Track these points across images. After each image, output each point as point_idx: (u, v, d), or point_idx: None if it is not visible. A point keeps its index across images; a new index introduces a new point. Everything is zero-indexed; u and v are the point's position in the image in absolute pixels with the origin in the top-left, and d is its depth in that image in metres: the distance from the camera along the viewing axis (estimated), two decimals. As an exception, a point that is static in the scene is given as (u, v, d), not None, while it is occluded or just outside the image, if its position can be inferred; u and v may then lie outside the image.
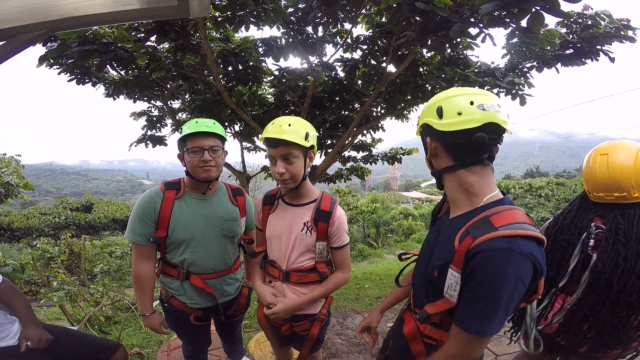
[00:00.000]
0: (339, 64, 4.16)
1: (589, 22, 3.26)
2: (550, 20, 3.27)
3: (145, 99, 4.95)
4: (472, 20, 2.54)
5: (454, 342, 1.04)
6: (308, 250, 1.68)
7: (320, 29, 3.71)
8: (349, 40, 4.03)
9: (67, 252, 4.88)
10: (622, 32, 3.22)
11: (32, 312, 1.86)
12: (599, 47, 3.34)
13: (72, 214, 16.07)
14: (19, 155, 8.02)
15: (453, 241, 1.05)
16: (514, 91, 3.48)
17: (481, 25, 2.55)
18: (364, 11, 3.61)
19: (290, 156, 1.53)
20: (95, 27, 2.76)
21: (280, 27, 3.45)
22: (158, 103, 5.28)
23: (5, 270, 4.17)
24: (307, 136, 1.55)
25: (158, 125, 5.61)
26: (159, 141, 5.49)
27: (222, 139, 1.83)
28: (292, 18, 3.47)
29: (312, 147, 1.60)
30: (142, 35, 3.26)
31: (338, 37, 4.21)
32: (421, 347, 1.19)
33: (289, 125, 1.51)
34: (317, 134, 5.24)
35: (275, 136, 1.49)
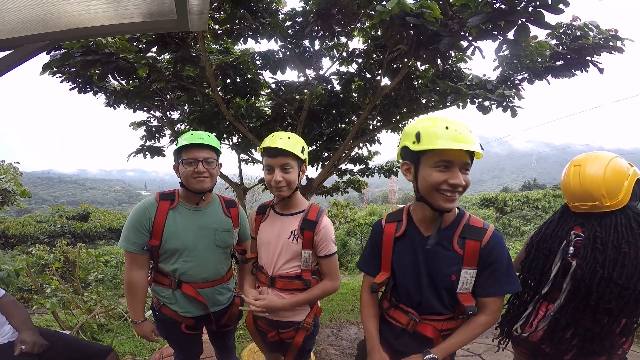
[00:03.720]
0: (335, 77, 4.26)
1: (578, 33, 3.33)
2: (540, 32, 3.35)
3: (145, 109, 5.01)
4: (462, 33, 2.63)
5: (495, 309, 1.37)
6: (294, 257, 1.75)
7: (317, 42, 3.81)
8: (344, 54, 4.13)
9: (62, 260, 4.87)
10: (610, 43, 3.28)
11: (29, 320, 1.93)
12: (588, 58, 3.40)
13: (68, 223, 16.02)
14: (17, 162, 8.03)
15: (453, 249, 1.35)
16: (505, 103, 3.57)
17: (470, 38, 2.64)
18: (359, 25, 3.71)
19: (287, 166, 1.66)
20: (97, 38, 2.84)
21: (278, 41, 3.55)
22: (157, 113, 5.33)
23: (1, 275, 4.16)
24: (302, 149, 1.70)
25: (157, 135, 5.66)
26: (158, 152, 5.52)
27: (217, 152, 1.89)
28: (289, 32, 3.56)
29: (305, 160, 1.75)
30: (144, 46, 3.35)
31: (334, 50, 4.32)
32: (441, 341, 1.41)
33: (289, 138, 1.67)
34: (314, 147, 5.33)
35: (276, 146, 1.62)
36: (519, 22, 2.28)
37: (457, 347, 1.39)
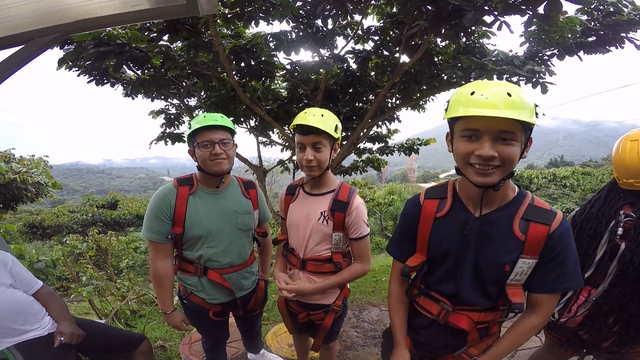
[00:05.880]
0: (351, 55, 4.12)
1: (611, 9, 3.14)
2: (570, 8, 3.15)
3: (163, 97, 5.06)
4: (487, 8, 2.46)
5: (550, 309, 1.20)
6: (324, 239, 1.71)
7: (329, 21, 3.68)
8: (359, 32, 3.99)
9: (94, 248, 5.07)
10: (647, 20, 3.10)
11: (67, 311, 1.96)
12: (623, 34, 3.21)
13: (99, 211, 16.75)
14: (46, 156, 8.39)
15: (513, 234, 1.13)
16: (534, 79, 3.37)
17: (496, 12, 2.46)
18: (373, 2, 3.55)
19: (319, 145, 1.59)
20: (108, 29, 2.83)
21: (290, 21, 3.44)
22: (175, 101, 5.39)
23: (39, 266, 4.37)
24: (335, 128, 1.61)
25: (176, 122, 5.73)
26: (178, 138, 5.61)
27: (232, 132, 1.83)
28: (301, 12, 3.44)
29: (337, 139, 1.66)
30: (155, 35, 3.32)
31: (348, 29, 4.17)
32: (476, 335, 1.26)
33: (322, 115, 1.58)
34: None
35: (309, 123, 1.55)
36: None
37: (501, 357, 1.23)
